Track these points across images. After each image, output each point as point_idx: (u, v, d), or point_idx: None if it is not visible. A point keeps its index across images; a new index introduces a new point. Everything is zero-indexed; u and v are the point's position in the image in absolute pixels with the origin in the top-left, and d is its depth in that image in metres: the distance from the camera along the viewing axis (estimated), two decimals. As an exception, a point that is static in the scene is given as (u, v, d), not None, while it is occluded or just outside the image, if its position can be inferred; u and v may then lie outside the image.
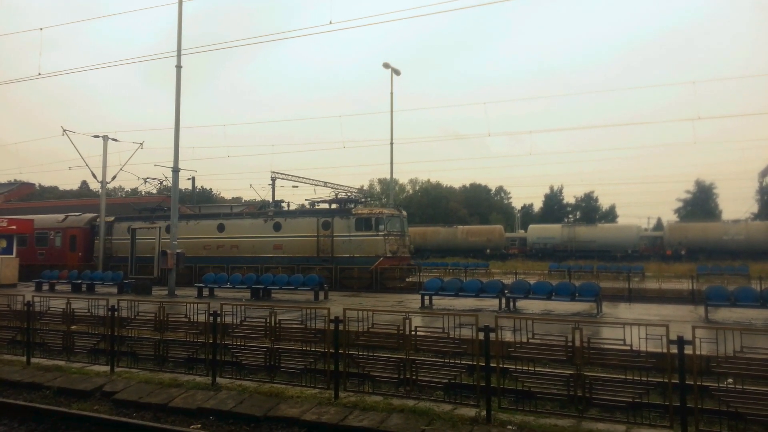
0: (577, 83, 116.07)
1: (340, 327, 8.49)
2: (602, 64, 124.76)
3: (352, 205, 27.28)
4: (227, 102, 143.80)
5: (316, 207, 28.77)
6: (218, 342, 9.40)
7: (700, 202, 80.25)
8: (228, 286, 21.66)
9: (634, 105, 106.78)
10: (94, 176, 30.15)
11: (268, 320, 9.25)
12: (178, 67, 22.39)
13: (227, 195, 73.85)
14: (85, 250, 31.75)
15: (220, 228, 28.02)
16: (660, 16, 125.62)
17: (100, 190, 30.48)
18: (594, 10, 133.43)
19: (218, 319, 9.40)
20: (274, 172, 39.99)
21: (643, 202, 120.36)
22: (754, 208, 68.50)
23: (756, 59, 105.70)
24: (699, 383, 6.59)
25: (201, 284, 22.20)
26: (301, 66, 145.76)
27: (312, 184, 38.85)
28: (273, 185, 40.51)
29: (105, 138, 30.12)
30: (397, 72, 35.79)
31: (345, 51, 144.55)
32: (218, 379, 9.27)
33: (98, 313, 11.11)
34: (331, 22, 24.94)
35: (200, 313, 10.12)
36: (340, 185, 41.51)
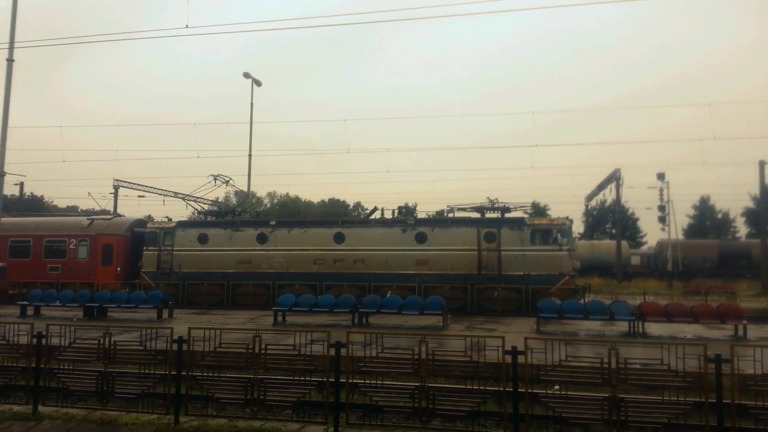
0: (434, 106, 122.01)
1: (184, 347, 8.03)
2: (456, 90, 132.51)
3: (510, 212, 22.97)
4: (67, 102, 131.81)
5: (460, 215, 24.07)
6: (42, 366, 8.46)
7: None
8: (57, 304, 19.64)
9: (484, 130, 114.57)
10: None
11: (101, 341, 8.51)
12: (10, 60, 20.12)
13: (61, 203, 67.37)
14: (125, 264, 25.42)
15: (339, 238, 23.22)
16: (506, 52, 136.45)
17: None
18: (455, 39, 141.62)
19: (43, 340, 8.46)
20: (117, 180, 37.35)
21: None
22: (581, 228, 76.16)
23: (585, 97, 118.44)
24: (530, 391, 7.12)
25: (25, 302, 19.89)
26: (154, 71, 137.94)
27: (161, 194, 36.77)
28: (116, 194, 37.80)
29: None
30: (258, 83, 35.10)
31: (203, 58, 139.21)
32: (40, 408, 8.33)
33: None
34: (187, 26, 23.87)
35: (22, 335, 9.05)
36: (193, 196, 39.74)
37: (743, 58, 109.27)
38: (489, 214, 22.89)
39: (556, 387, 7.69)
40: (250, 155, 33.91)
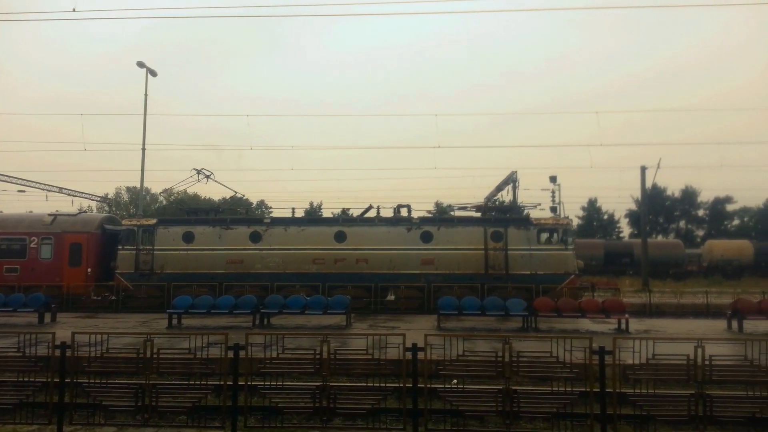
0: (341, 104, 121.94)
1: (68, 353, 7.51)
2: (366, 90, 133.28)
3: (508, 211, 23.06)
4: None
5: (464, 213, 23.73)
6: None
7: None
8: None
9: (391, 131, 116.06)
10: None
11: (-28, 349, 7.79)
12: None
13: None
14: (95, 265, 22.97)
15: (340, 237, 22.26)
16: (411, 56, 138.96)
17: None
18: (364, 40, 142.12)
19: None
20: (-7, 174, 34.38)
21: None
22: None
23: (485, 103, 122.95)
24: (429, 386, 7.27)
25: None
26: (36, 55, 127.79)
27: (43, 189, 34.24)
28: (-8, 189, 34.86)
29: None
30: (153, 73, 33.41)
31: (92, 45, 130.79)
32: None
33: None
34: (75, 10, 22.29)
35: None
36: (80, 192, 37.34)
37: (641, 77, 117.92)
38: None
39: (454, 381, 7.91)
40: (143, 149, 32.27)
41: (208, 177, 25.37)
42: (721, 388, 7.86)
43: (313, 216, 24.51)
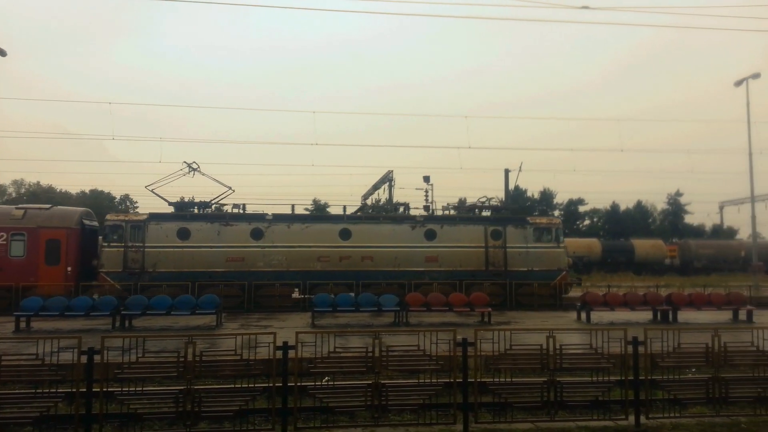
0: (218, 97, 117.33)
1: None
2: (244, 83, 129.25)
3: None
4: None
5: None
6: None
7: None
8: None
9: (269, 127, 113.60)
10: None
11: None
12: None
13: None
14: (75, 263, 20.89)
15: (345, 234, 22.11)
16: (291, 56, 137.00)
17: None
18: (247, 30, 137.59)
19: None
20: None
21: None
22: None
23: (364, 101, 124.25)
24: (299, 384, 7.22)
25: None
26: None
27: None
28: None
29: None
30: (2, 53, 30.14)
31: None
32: None
33: None
34: None
35: None
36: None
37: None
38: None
39: (326, 378, 7.93)
40: (-10, 137, 29.08)
41: (195, 170, 23.69)
42: (571, 374, 8.54)
43: (320, 213, 24.73)
